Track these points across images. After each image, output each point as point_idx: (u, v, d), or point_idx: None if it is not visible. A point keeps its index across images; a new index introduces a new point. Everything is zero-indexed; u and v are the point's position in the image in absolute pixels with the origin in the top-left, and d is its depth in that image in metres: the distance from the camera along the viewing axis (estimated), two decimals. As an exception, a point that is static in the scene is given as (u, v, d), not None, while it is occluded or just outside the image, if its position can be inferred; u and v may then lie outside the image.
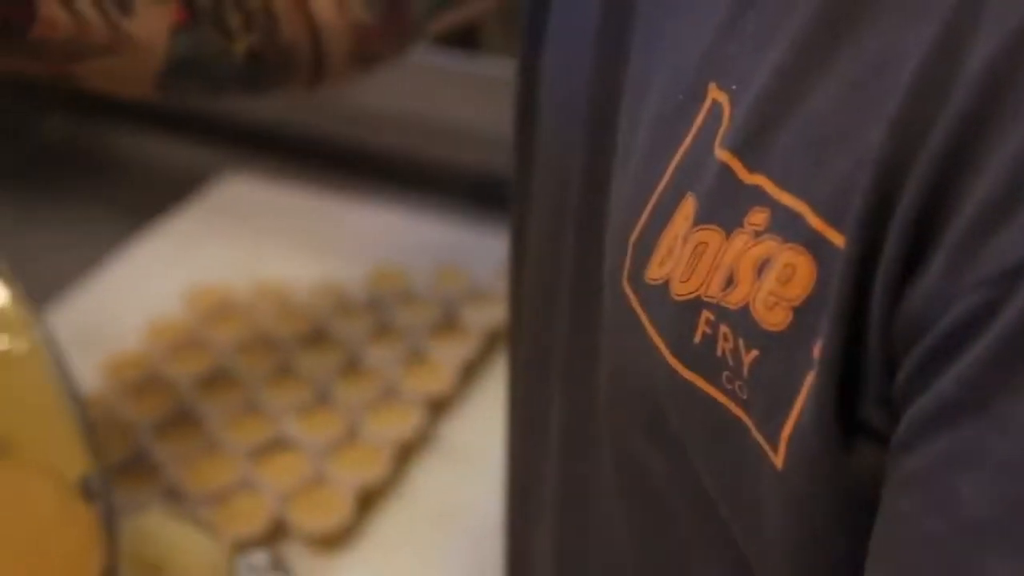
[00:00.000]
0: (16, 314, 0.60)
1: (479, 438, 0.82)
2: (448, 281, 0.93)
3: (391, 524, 0.77)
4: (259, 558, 0.65)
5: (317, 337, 0.88)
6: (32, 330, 0.59)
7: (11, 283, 0.60)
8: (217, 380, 0.85)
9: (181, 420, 0.82)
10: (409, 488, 0.79)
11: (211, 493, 0.76)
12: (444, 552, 0.75)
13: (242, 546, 0.71)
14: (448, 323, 0.90)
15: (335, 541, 0.75)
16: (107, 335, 0.89)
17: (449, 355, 0.86)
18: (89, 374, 0.84)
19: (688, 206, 0.34)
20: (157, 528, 0.63)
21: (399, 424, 0.81)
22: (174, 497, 0.76)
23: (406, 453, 0.81)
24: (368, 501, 0.77)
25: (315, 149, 1.08)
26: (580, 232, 0.43)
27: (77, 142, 1.15)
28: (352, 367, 0.86)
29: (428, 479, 0.80)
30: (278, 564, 0.64)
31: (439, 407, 0.84)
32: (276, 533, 0.75)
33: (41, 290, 0.91)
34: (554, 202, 0.45)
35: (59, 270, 0.95)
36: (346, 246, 0.98)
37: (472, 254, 0.96)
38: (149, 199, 1.04)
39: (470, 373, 0.86)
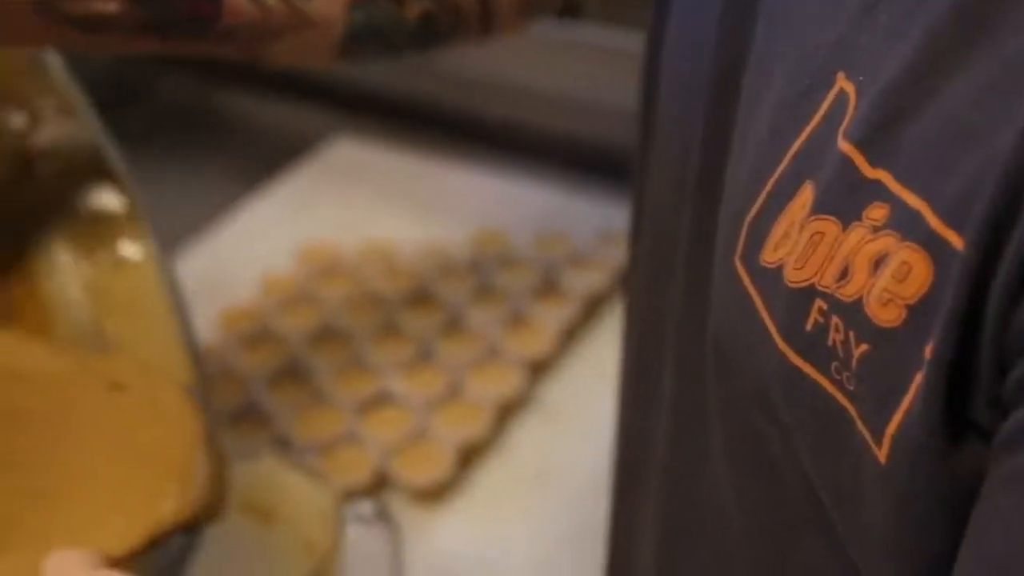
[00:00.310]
0: (133, 222, 0.62)
1: (577, 400, 0.84)
2: (550, 246, 0.95)
3: (490, 480, 0.79)
4: (366, 507, 0.67)
5: (421, 297, 0.91)
6: (147, 239, 0.61)
7: (130, 193, 0.63)
8: (325, 335, 0.88)
9: (291, 372, 0.85)
10: (508, 446, 0.81)
11: (318, 443, 0.79)
12: (541, 510, 0.77)
13: (348, 495, 0.74)
14: (549, 287, 0.92)
15: (435, 495, 0.78)
16: (222, 289, 0.92)
17: (550, 318, 0.88)
18: (205, 325, 0.88)
19: (806, 194, 0.34)
20: (269, 474, 0.65)
21: (500, 384, 0.84)
22: (283, 446, 0.79)
23: (506, 412, 0.83)
24: (468, 457, 0.80)
25: (424, 115, 1.11)
26: (697, 206, 0.43)
27: (197, 105, 1.19)
28: (454, 327, 0.88)
29: (527, 438, 0.82)
30: (383, 513, 0.67)
31: (539, 369, 0.86)
32: (379, 484, 0.78)
33: (161, 244, 0.94)
34: (673, 175, 0.46)
35: (178, 226, 0.99)
36: (451, 209, 1.00)
37: (574, 220, 0.98)
38: (264, 160, 1.08)
39: (570, 337, 0.88)
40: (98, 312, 0.61)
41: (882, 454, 0.31)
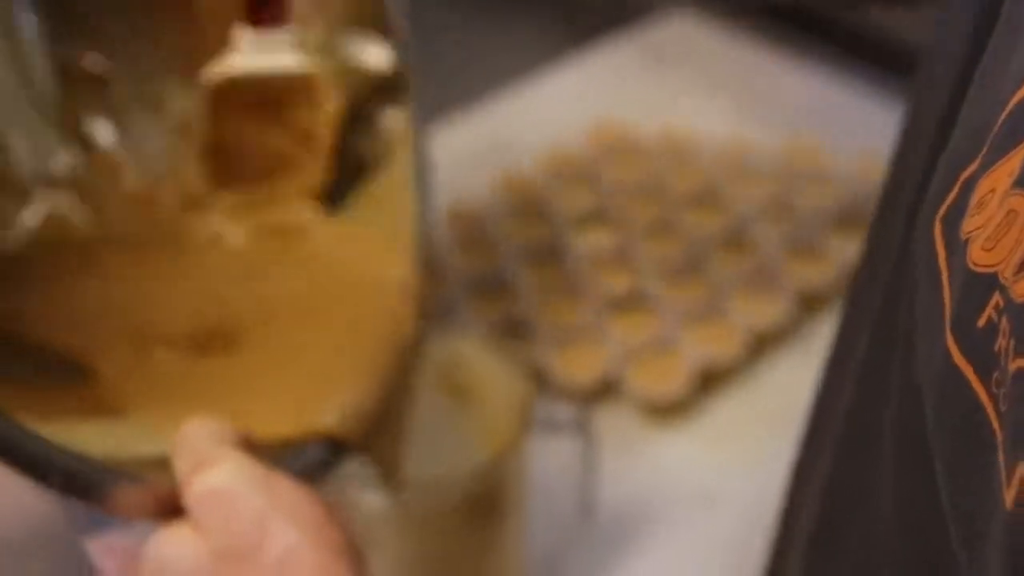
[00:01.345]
0: (398, 82, 0.58)
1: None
2: (868, 171, 0.84)
3: (726, 411, 0.72)
4: (563, 412, 0.62)
5: (708, 198, 0.83)
6: (409, 101, 0.57)
7: (405, 54, 0.58)
8: (596, 220, 0.82)
9: (549, 251, 0.80)
10: (756, 379, 0.74)
11: (554, 332, 0.74)
12: (773, 451, 0.69)
13: (567, 394, 0.69)
14: (853, 215, 0.81)
15: (664, 413, 0.72)
16: (508, 153, 0.88)
17: (841, 251, 0.78)
18: (479, 185, 0.85)
19: (1015, 160, 0.26)
20: (471, 355, 0.61)
21: (765, 309, 0.75)
22: (516, 327, 0.75)
23: (764, 341, 0.75)
24: (711, 380, 0.73)
25: (781, 2, 1.00)
26: (931, 155, 0.36)
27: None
28: (735, 237, 0.80)
29: (780, 375, 0.74)
30: (581, 425, 0.61)
31: (812, 303, 0.77)
32: (608, 390, 0.72)
33: (458, 95, 0.92)
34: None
35: (483, 80, 0.95)
36: (767, 108, 0.91)
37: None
38: (587, 22, 1.02)
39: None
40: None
41: (1008, 497, 0.24)
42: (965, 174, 0.28)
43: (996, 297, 0.25)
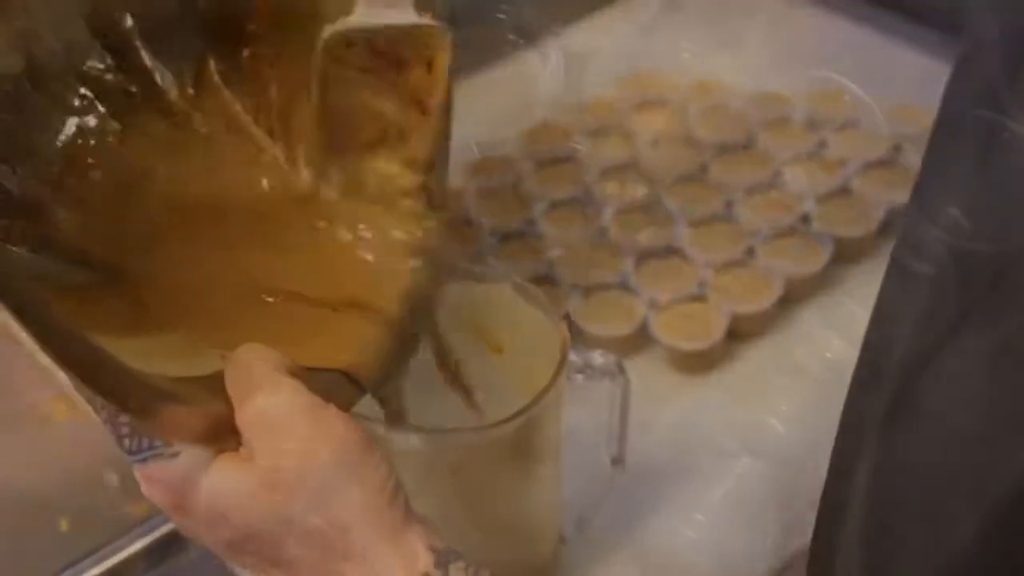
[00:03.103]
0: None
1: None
2: (903, 121, 0.83)
3: (757, 361, 0.72)
4: (598, 358, 0.62)
5: (738, 148, 0.83)
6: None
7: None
8: (626, 170, 0.81)
9: (580, 202, 0.80)
10: (788, 329, 0.73)
11: (587, 282, 0.74)
12: (802, 402, 0.69)
13: (598, 346, 0.69)
14: (889, 165, 0.81)
15: (696, 364, 0.71)
16: (538, 105, 0.88)
17: (876, 198, 0.78)
18: (511, 137, 0.84)
19: None
20: (507, 302, 0.61)
21: (795, 259, 0.75)
22: (549, 278, 0.74)
23: (798, 292, 0.74)
24: (741, 331, 0.72)
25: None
26: None
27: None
28: (768, 186, 0.80)
29: (810, 326, 0.73)
30: (616, 370, 0.61)
31: (848, 254, 0.76)
32: (639, 342, 0.72)
33: (490, 49, 0.91)
34: None
35: (514, 33, 0.94)
36: (799, 57, 0.89)
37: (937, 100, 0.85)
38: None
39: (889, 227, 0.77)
40: None
41: None
42: None
43: None
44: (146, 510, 0.63)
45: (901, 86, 0.84)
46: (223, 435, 0.39)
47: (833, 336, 0.71)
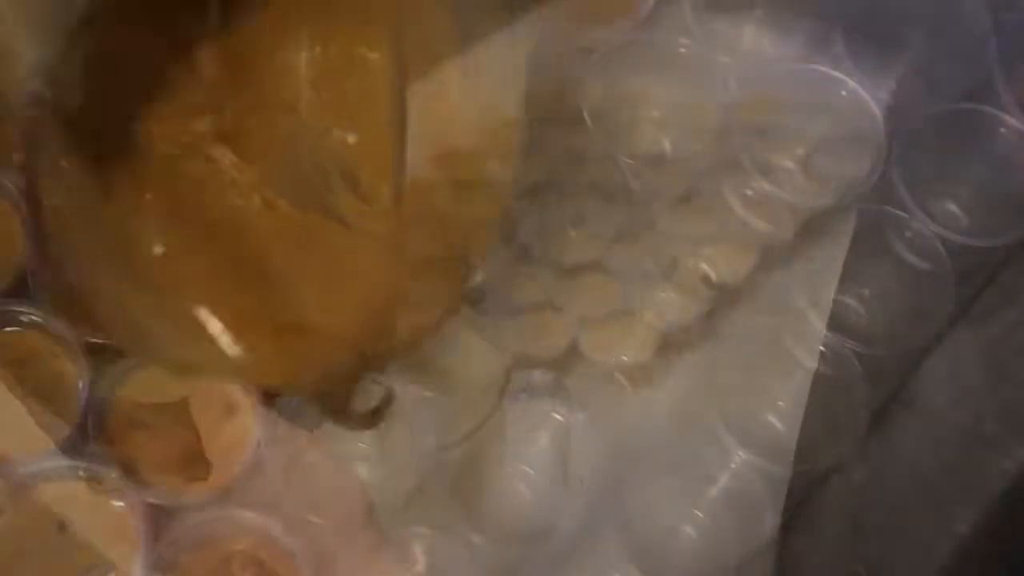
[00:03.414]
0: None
1: (807, 296, 0.74)
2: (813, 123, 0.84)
3: (688, 368, 0.71)
4: (539, 378, 0.61)
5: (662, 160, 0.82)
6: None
7: None
8: (543, 189, 0.81)
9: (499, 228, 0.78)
10: (719, 336, 0.73)
11: (512, 304, 0.73)
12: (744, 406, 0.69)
13: (528, 364, 0.68)
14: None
15: (628, 377, 0.71)
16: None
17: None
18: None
19: None
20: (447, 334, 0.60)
21: (726, 266, 0.75)
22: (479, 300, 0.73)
23: (728, 297, 0.74)
24: (671, 342, 0.72)
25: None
26: None
27: None
28: (690, 197, 0.79)
29: (743, 331, 0.73)
30: (558, 389, 0.60)
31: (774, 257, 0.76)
32: (569, 357, 0.71)
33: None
34: None
35: None
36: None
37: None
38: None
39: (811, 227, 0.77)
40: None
41: None
42: None
43: None
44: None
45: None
46: (192, 463, 0.38)
47: (766, 326, 0.71)
